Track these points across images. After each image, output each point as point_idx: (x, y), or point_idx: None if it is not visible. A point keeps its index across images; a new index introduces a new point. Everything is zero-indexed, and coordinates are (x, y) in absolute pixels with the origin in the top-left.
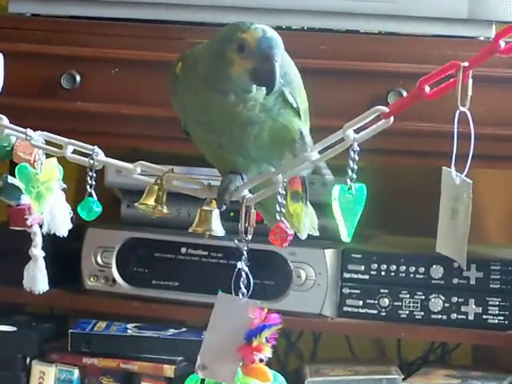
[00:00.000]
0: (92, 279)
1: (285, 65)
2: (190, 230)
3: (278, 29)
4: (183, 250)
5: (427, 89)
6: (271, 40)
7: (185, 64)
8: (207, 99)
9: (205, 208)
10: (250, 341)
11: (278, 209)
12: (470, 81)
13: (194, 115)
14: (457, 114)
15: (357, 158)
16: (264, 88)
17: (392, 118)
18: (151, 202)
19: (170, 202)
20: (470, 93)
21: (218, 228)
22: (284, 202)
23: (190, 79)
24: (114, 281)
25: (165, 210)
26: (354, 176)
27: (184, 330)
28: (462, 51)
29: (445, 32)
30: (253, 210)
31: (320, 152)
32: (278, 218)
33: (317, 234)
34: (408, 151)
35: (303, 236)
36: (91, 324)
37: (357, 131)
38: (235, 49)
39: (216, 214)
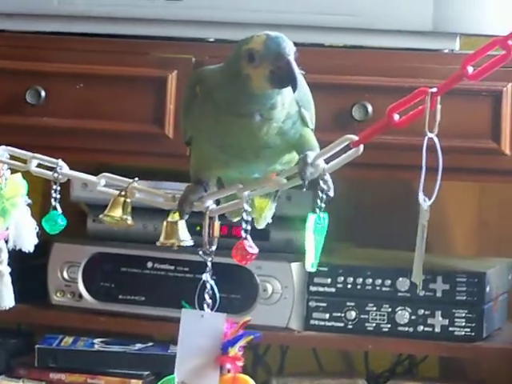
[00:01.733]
0: (58, 294)
1: (302, 85)
2: (157, 244)
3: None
4: (149, 264)
5: (396, 117)
6: (277, 38)
7: (202, 87)
8: (228, 125)
9: (170, 220)
10: (226, 351)
11: (244, 226)
12: (439, 106)
13: (209, 137)
14: (425, 141)
15: (325, 187)
16: (288, 92)
17: (362, 147)
18: (116, 213)
19: (135, 216)
20: (438, 118)
21: (185, 238)
22: (249, 217)
23: (207, 105)
24: (80, 296)
25: (130, 222)
26: (323, 205)
27: (151, 344)
28: (426, 64)
29: (409, 45)
30: (217, 222)
31: (288, 178)
32: (243, 234)
33: (269, 222)
34: (375, 164)
35: (260, 226)
36: (58, 339)
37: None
38: (246, 62)
39: (182, 224)
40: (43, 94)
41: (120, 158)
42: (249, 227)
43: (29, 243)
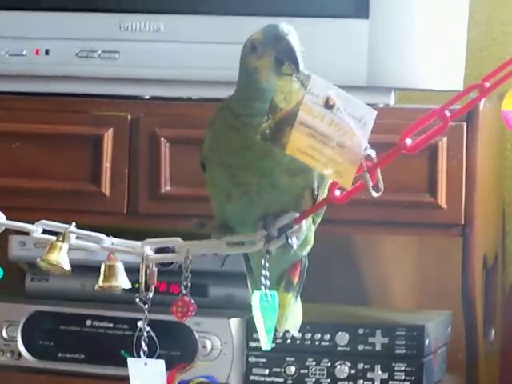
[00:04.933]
0: None
1: None
2: (96, 287)
3: (173, 99)
4: (88, 322)
5: (337, 192)
6: (275, 25)
7: (226, 101)
8: (238, 133)
9: (108, 263)
10: None
11: (184, 282)
12: (381, 184)
13: (222, 154)
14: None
15: (267, 264)
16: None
17: (304, 222)
18: (53, 258)
19: (74, 274)
20: (381, 188)
21: (123, 282)
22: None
23: (227, 114)
24: (19, 355)
25: (66, 267)
26: (268, 283)
27: None
28: None
29: None
30: (154, 269)
31: (229, 244)
32: (183, 291)
33: (296, 334)
34: None
35: (281, 331)
36: None
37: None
38: (251, 55)
39: (120, 267)
40: None
41: (57, 216)
42: (189, 284)
43: None
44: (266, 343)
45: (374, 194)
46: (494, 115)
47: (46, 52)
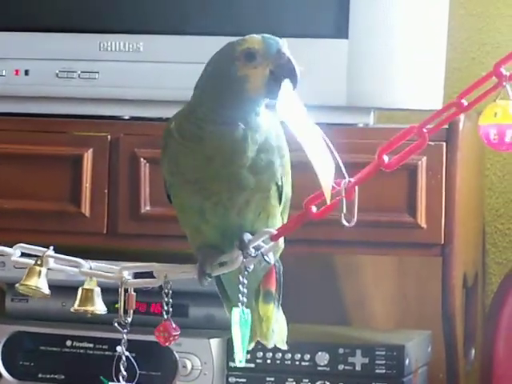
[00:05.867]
0: None
1: (281, 138)
2: (71, 310)
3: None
4: (68, 342)
5: (314, 208)
6: (273, 37)
7: (178, 118)
8: (207, 142)
9: (86, 287)
10: None
11: (165, 307)
12: (356, 199)
13: (185, 172)
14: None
15: (245, 281)
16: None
17: (282, 242)
18: (32, 282)
19: (55, 295)
20: (356, 209)
21: (99, 307)
22: (244, 299)
23: (186, 127)
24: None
25: (46, 291)
26: (245, 300)
27: None
28: (341, 139)
29: (323, 120)
30: (132, 293)
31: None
32: (165, 316)
33: (285, 347)
34: (293, 240)
35: (270, 345)
36: None
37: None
38: (243, 63)
39: (97, 292)
40: None
41: (37, 236)
42: (170, 308)
43: None
44: (240, 359)
45: (346, 224)
46: (473, 134)
47: (26, 72)
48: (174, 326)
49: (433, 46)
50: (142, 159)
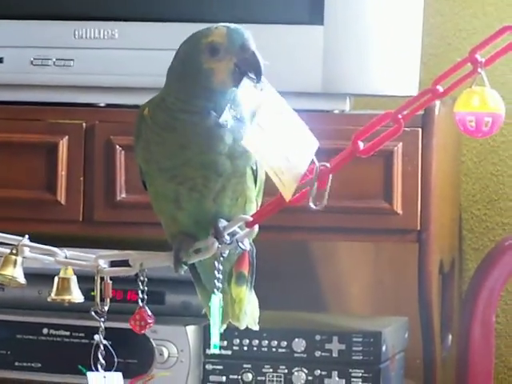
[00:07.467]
0: None
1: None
2: (48, 299)
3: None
4: (45, 330)
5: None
6: (239, 30)
7: (151, 104)
8: (179, 131)
9: (62, 276)
10: None
11: (140, 295)
12: (328, 184)
13: (159, 159)
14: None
15: (221, 267)
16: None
17: (257, 227)
18: (7, 272)
19: (31, 283)
20: (327, 194)
21: (76, 295)
22: (220, 284)
23: (159, 115)
24: None
25: (21, 281)
26: (221, 285)
27: None
28: (317, 125)
29: (299, 106)
30: (108, 282)
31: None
32: (140, 303)
33: (256, 328)
34: (268, 226)
35: (242, 326)
36: None
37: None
38: (208, 56)
39: (74, 280)
40: None
41: (13, 225)
42: (145, 296)
43: None
44: (217, 340)
45: (313, 207)
46: (449, 120)
47: (0, 60)
48: (149, 313)
49: (408, 32)
50: (117, 146)
